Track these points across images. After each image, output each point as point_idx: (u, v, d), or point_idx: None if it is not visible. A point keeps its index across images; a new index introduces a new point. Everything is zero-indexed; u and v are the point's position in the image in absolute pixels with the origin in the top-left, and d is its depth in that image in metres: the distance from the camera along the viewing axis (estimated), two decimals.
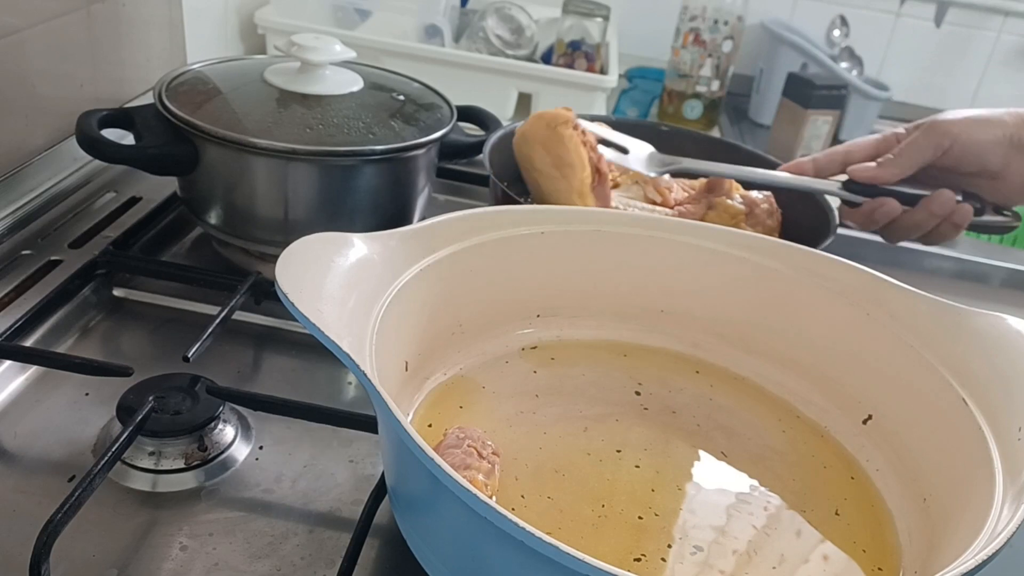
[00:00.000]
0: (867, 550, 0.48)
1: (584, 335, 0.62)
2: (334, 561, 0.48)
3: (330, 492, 0.54)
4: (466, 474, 0.44)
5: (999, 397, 0.48)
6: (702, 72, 1.41)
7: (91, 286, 0.68)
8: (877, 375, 0.55)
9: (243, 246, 0.73)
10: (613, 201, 0.75)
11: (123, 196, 0.81)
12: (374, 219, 0.72)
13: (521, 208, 0.65)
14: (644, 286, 0.62)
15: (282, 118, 0.70)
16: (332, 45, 0.74)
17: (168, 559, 0.48)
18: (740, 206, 0.76)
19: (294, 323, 0.46)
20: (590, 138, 0.73)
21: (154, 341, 0.66)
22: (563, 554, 0.33)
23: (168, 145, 0.69)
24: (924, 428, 0.52)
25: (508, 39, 1.27)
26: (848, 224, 0.77)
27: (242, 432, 0.57)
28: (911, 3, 1.56)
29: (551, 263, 0.60)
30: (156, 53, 0.96)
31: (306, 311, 0.41)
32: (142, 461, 0.53)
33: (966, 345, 0.52)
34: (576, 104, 1.15)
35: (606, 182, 0.73)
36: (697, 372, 0.61)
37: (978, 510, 0.42)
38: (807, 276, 0.59)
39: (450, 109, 0.78)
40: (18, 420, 0.56)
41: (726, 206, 0.76)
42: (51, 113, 0.80)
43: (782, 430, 0.57)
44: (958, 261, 0.99)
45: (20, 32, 0.75)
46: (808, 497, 0.51)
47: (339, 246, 0.48)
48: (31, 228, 0.74)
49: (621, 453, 0.52)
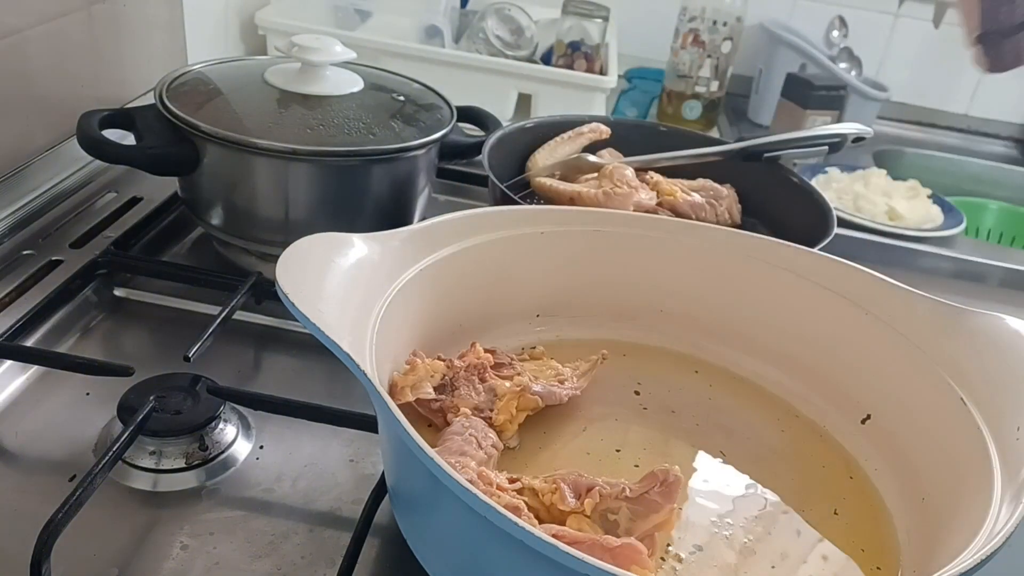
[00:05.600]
0: (866, 549, 0.48)
1: (584, 335, 0.62)
2: (334, 560, 0.48)
3: (330, 491, 0.54)
4: (460, 460, 0.44)
5: (997, 397, 0.48)
6: (701, 73, 1.41)
7: (92, 286, 0.68)
8: (876, 375, 0.56)
9: (244, 246, 0.74)
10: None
11: (124, 196, 0.81)
12: (374, 219, 0.72)
13: (521, 208, 0.65)
14: (644, 286, 0.62)
15: (283, 118, 0.70)
16: (332, 46, 0.74)
17: (169, 558, 0.48)
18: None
19: (294, 323, 0.46)
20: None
21: (155, 341, 0.66)
22: (563, 554, 0.33)
23: (169, 145, 0.69)
24: (923, 428, 0.52)
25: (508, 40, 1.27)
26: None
27: (243, 432, 0.57)
28: (910, 4, 1.56)
29: (551, 263, 0.60)
30: (157, 54, 0.96)
31: (306, 311, 0.41)
32: (143, 460, 0.53)
33: (964, 345, 0.52)
34: (576, 105, 1.15)
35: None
36: (696, 372, 0.61)
37: (977, 509, 0.42)
38: (807, 276, 0.59)
39: (450, 109, 0.79)
40: (19, 420, 0.56)
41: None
42: (52, 113, 0.80)
43: (781, 430, 0.57)
44: (956, 261, 0.99)
45: (21, 32, 0.75)
46: (807, 496, 0.51)
47: (339, 246, 0.48)
48: (32, 228, 0.74)
49: (620, 452, 0.52)
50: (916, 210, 1.10)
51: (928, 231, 1.06)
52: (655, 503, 0.43)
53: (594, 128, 0.85)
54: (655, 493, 0.43)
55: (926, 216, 1.09)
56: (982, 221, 1.29)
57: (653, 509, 0.43)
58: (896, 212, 1.09)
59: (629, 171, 0.79)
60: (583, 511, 0.43)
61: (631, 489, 0.44)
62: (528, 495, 0.44)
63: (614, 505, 0.43)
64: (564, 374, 0.55)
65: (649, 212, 0.73)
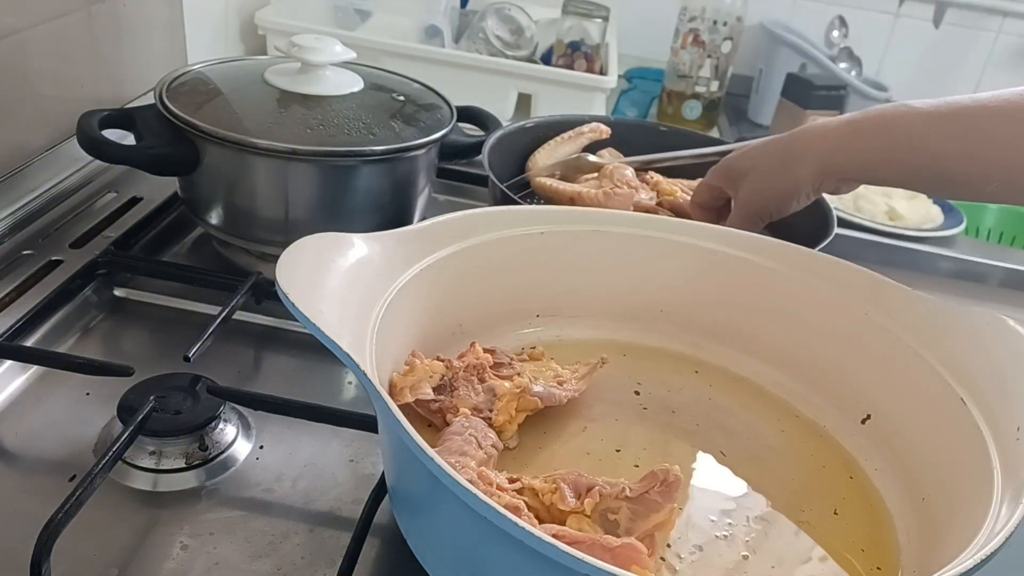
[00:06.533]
0: (866, 549, 0.48)
1: (584, 335, 0.62)
2: (334, 560, 0.48)
3: (330, 492, 0.54)
4: (460, 460, 0.44)
5: (997, 397, 0.48)
6: (701, 73, 1.41)
7: (92, 286, 0.68)
8: (876, 375, 0.56)
9: (244, 246, 0.74)
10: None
11: (124, 196, 0.81)
12: (374, 219, 0.72)
13: (521, 208, 0.65)
14: (644, 286, 0.62)
15: (282, 118, 0.70)
16: (332, 46, 0.74)
17: (169, 558, 0.48)
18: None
19: (294, 323, 0.46)
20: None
21: (155, 341, 0.66)
22: (563, 554, 0.33)
23: (169, 145, 0.69)
24: (923, 428, 0.52)
25: (508, 40, 1.27)
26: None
27: (243, 432, 0.57)
28: (910, 3, 1.56)
29: (551, 263, 0.60)
30: (157, 54, 0.96)
31: (306, 311, 0.41)
32: (143, 460, 0.53)
33: (965, 345, 0.52)
34: (576, 105, 1.15)
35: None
36: (696, 372, 0.61)
37: (976, 509, 0.42)
38: (806, 276, 0.59)
39: (450, 109, 0.78)
40: (19, 420, 0.56)
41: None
42: (52, 113, 0.80)
43: (781, 430, 0.57)
44: (957, 261, 0.99)
45: (21, 32, 0.75)
46: (807, 496, 0.51)
47: (339, 246, 0.48)
48: (32, 228, 0.74)
49: (620, 452, 0.52)
50: (916, 210, 1.10)
51: (928, 231, 1.06)
52: (655, 503, 0.43)
53: (594, 128, 0.85)
54: (655, 493, 0.43)
55: (926, 216, 1.09)
56: (982, 221, 1.29)
57: (653, 509, 0.43)
58: (896, 212, 1.09)
59: (629, 171, 0.79)
60: (583, 511, 0.43)
61: (631, 489, 0.44)
62: (528, 495, 0.44)
63: (614, 505, 0.43)
64: (563, 376, 0.55)
65: (649, 212, 0.73)
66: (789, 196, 0.66)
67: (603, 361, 0.56)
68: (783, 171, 0.66)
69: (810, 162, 0.65)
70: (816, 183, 0.65)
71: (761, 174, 0.67)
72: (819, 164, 0.64)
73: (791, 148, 0.66)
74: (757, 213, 0.68)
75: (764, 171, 0.67)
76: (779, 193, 0.67)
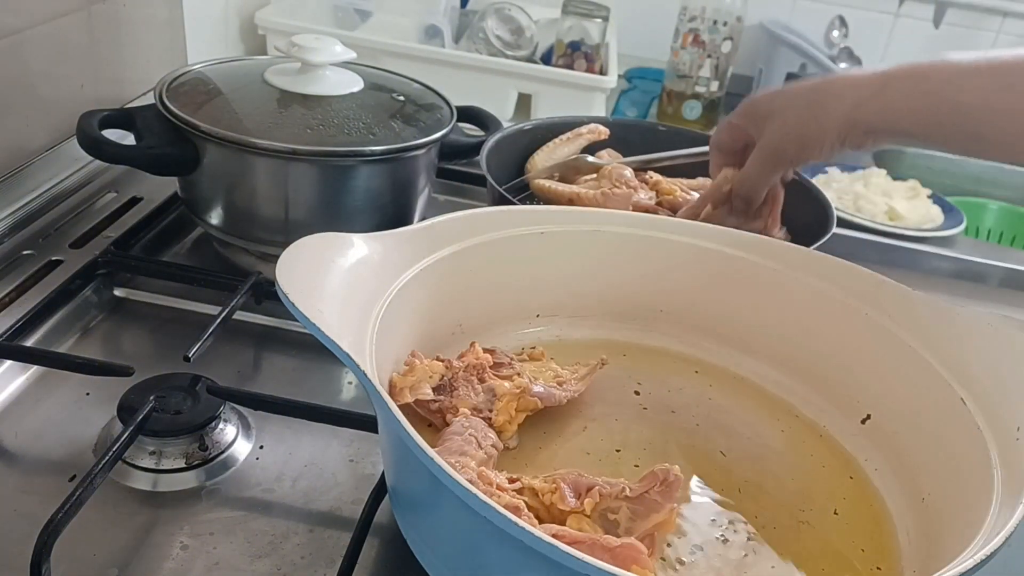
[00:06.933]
0: (866, 549, 0.48)
1: (584, 335, 0.62)
2: (334, 560, 0.48)
3: (330, 492, 0.54)
4: (460, 460, 0.44)
5: (997, 397, 0.48)
6: (701, 73, 1.40)
7: (92, 286, 0.68)
8: (876, 375, 0.56)
9: (244, 246, 0.74)
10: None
11: (124, 196, 0.81)
12: (374, 219, 0.72)
13: (521, 208, 0.65)
14: (644, 286, 0.62)
15: (282, 118, 0.70)
16: (332, 46, 0.74)
17: (169, 558, 0.48)
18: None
19: (294, 323, 0.46)
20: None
21: (155, 341, 0.66)
22: (563, 554, 0.33)
23: (169, 145, 0.69)
24: (923, 428, 0.52)
25: (508, 40, 1.27)
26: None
27: (243, 432, 0.57)
28: (910, 4, 1.56)
29: (551, 263, 0.60)
30: (157, 54, 0.96)
31: (306, 311, 0.41)
32: (143, 461, 0.53)
33: (964, 345, 0.52)
34: (576, 105, 1.15)
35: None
36: (696, 372, 0.61)
37: (976, 509, 0.42)
38: (806, 276, 0.59)
39: (450, 110, 0.79)
40: (19, 420, 0.56)
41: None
42: (52, 113, 0.80)
43: (781, 430, 0.57)
44: (956, 261, 0.99)
45: (21, 33, 0.75)
46: (807, 497, 0.51)
47: (339, 246, 0.48)
48: (32, 228, 0.74)
49: (620, 452, 0.52)
50: (916, 210, 1.10)
51: (928, 231, 1.06)
52: (655, 503, 0.43)
53: (592, 129, 0.86)
54: (655, 493, 0.43)
55: (926, 216, 1.09)
56: (982, 221, 1.29)
57: (653, 509, 0.43)
58: (896, 212, 1.09)
59: (628, 171, 0.79)
60: (583, 511, 0.43)
61: (631, 489, 0.44)
62: (528, 495, 0.44)
63: (614, 505, 0.43)
64: (563, 376, 0.55)
65: (649, 212, 0.73)
66: (812, 144, 0.63)
67: (603, 362, 0.56)
68: (810, 116, 0.63)
69: (838, 110, 0.62)
70: (842, 134, 0.62)
71: (786, 117, 0.64)
72: (847, 114, 0.61)
73: (820, 94, 0.63)
74: (778, 157, 0.65)
75: (789, 114, 0.64)
76: (802, 138, 0.64)
